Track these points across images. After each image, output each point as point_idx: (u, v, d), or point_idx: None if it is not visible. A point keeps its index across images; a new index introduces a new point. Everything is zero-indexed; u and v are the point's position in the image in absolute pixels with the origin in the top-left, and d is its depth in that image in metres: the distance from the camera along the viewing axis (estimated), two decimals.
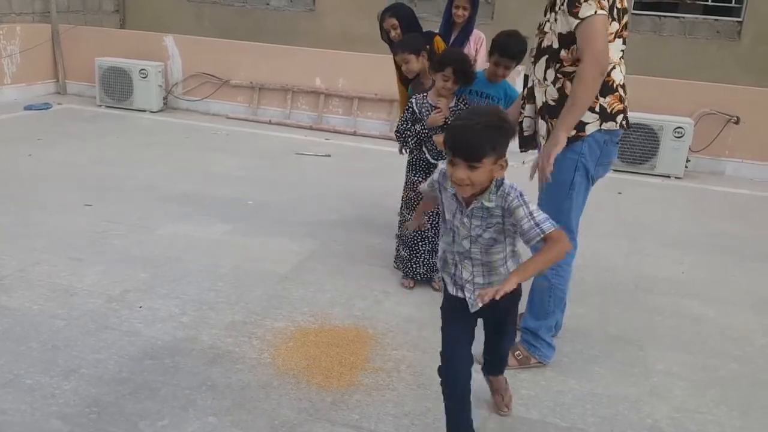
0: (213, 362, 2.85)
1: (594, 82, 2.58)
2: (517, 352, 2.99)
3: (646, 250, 4.57)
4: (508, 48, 3.44)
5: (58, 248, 3.93)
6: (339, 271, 3.85)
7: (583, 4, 2.53)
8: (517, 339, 3.04)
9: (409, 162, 3.70)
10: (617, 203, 5.63)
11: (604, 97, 2.68)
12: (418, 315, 3.43)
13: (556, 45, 2.68)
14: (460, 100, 3.49)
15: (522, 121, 3.00)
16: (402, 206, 3.80)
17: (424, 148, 3.58)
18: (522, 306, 3.12)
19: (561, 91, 2.69)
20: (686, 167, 6.59)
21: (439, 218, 3.46)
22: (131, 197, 4.94)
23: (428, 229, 3.61)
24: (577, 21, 2.55)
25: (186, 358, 2.88)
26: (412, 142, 3.60)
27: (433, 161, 3.55)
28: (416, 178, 3.61)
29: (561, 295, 2.96)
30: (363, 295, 3.59)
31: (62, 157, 5.90)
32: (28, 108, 7.78)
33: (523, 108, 3.00)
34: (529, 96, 2.93)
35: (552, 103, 2.73)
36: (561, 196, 2.79)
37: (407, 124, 3.59)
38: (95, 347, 2.91)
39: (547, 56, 2.73)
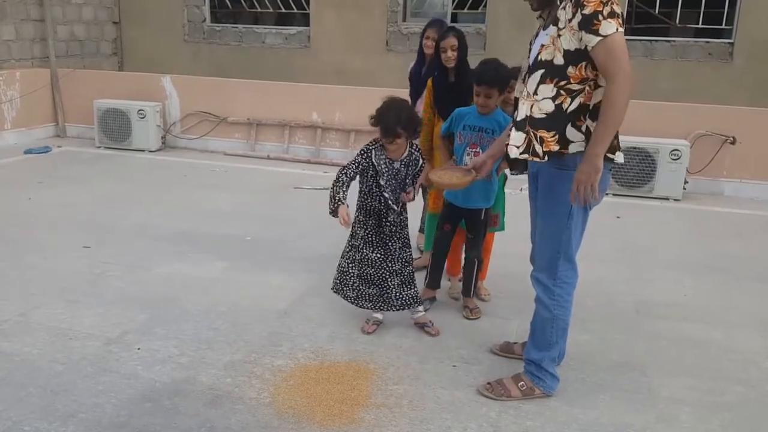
0: (212, 403, 2.82)
1: (627, 102, 2.54)
2: (521, 383, 2.95)
3: (646, 274, 4.55)
4: (482, 75, 3.43)
5: (56, 291, 3.92)
6: (339, 306, 3.82)
7: (603, 22, 2.50)
8: (521, 370, 3.02)
9: (364, 204, 3.46)
10: (616, 227, 5.62)
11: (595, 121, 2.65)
12: (420, 347, 3.40)
13: (559, 61, 2.62)
14: (413, 148, 3.43)
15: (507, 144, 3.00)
16: (362, 245, 3.48)
17: (384, 194, 3.37)
18: (524, 336, 3.12)
19: (559, 107, 2.64)
20: (684, 189, 6.59)
21: (394, 253, 3.47)
22: (129, 237, 4.94)
23: (389, 264, 3.45)
24: (598, 38, 2.51)
25: (185, 399, 2.85)
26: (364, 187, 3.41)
27: (395, 207, 3.40)
28: (373, 221, 3.44)
29: (563, 326, 2.93)
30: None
31: (61, 199, 5.92)
32: (28, 152, 7.84)
33: (511, 130, 3.00)
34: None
35: (542, 116, 2.66)
36: (560, 226, 2.77)
37: (350, 173, 3.34)
38: (94, 391, 2.89)
39: (543, 71, 2.66)
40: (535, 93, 2.69)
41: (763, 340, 3.62)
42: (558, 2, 2.67)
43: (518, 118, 2.77)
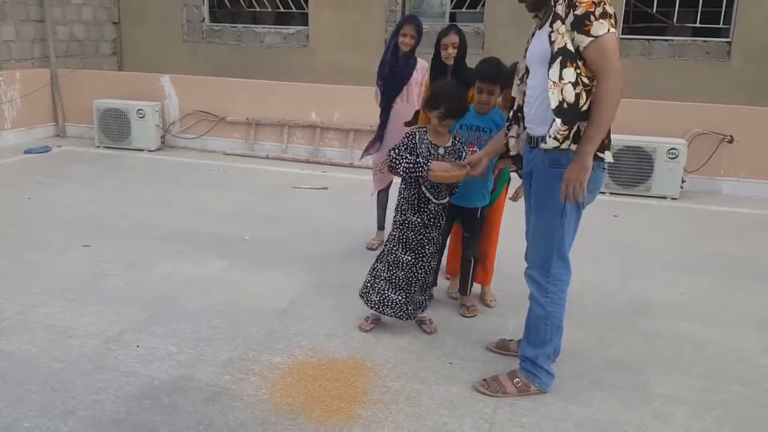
0: (210, 400, 2.84)
1: (618, 101, 2.56)
2: (516, 380, 2.97)
3: (643, 273, 4.56)
4: (484, 72, 3.47)
5: (55, 290, 3.94)
6: (337, 304, 3.85)
7: (595, 23, 2.52)
8: (517, 367, 3.04)
9: (406, 199, 3.39)
10: (613, 226, 5.64)
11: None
12: (417, 344, 3.42)
13: (571, 47, 2.59)
14: (456, 139, 3.46)
15: (507, 143, 3.01)
16: (396, 246, 3.43)
17: (423, 188, 3.33)
18: (520, 333, 3.14)
19: (577, 101, 2.60)
20: (682, 188, 6.61)
21: (424, 259, 3.49)
22: (128, 236, 4.96)
23: (417, 271, 3.44)
24: (590, 39, 2.53)
25: (183, 396, 2.87)
26: (411, 177, 3.32)
27: (434, 200, 3.35)
28: (415, 218, 3.37)
29: (558, 323, 2.95)
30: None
31: (61, 199, 5.94)
32: (28, 151, 7.86)
33: (509, 129, 3.00)
34: (516, 117, 2.95)
35: (566, 106, 2.62)
36: (553, 224, 2.78)
37: (402, 155, 3.31)
38: (93, 388, 2.91)
39: (561, 57, 2.60)
40: (561, 78, 2.62)
41: (760, 338, 3.63)
42: (552, 2, 2.69)
43: (553, 106, 2.65)
